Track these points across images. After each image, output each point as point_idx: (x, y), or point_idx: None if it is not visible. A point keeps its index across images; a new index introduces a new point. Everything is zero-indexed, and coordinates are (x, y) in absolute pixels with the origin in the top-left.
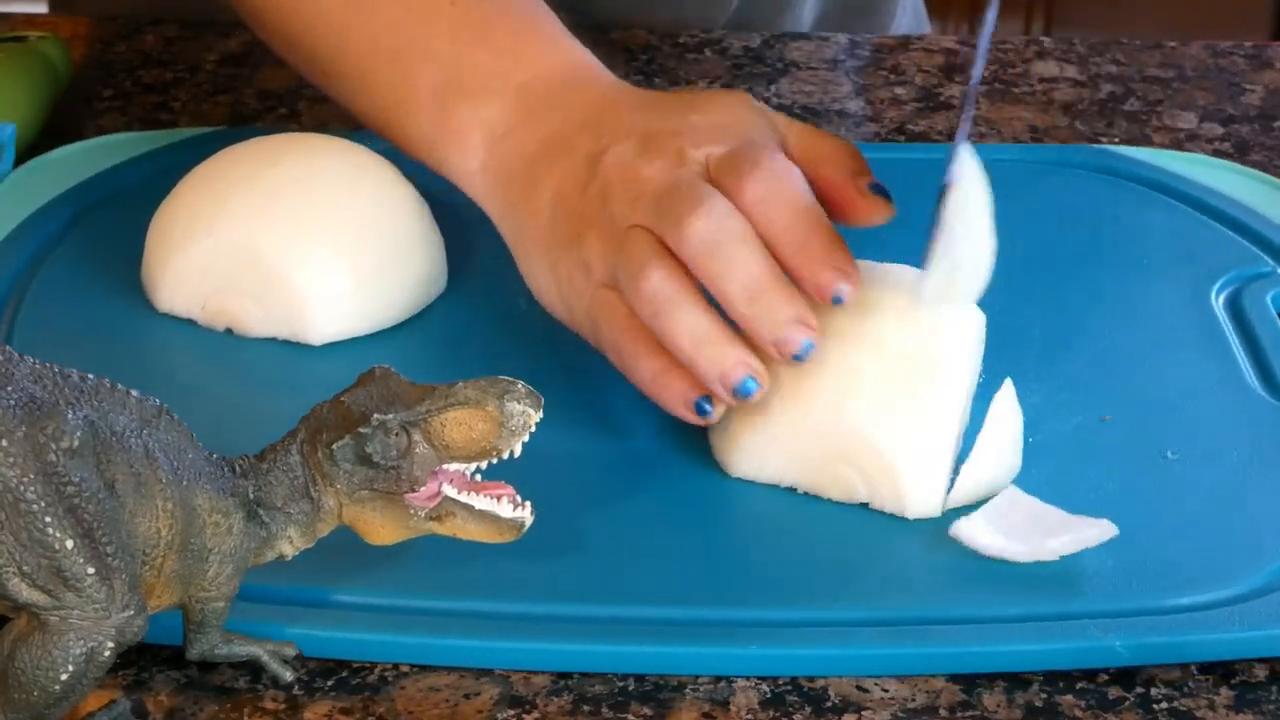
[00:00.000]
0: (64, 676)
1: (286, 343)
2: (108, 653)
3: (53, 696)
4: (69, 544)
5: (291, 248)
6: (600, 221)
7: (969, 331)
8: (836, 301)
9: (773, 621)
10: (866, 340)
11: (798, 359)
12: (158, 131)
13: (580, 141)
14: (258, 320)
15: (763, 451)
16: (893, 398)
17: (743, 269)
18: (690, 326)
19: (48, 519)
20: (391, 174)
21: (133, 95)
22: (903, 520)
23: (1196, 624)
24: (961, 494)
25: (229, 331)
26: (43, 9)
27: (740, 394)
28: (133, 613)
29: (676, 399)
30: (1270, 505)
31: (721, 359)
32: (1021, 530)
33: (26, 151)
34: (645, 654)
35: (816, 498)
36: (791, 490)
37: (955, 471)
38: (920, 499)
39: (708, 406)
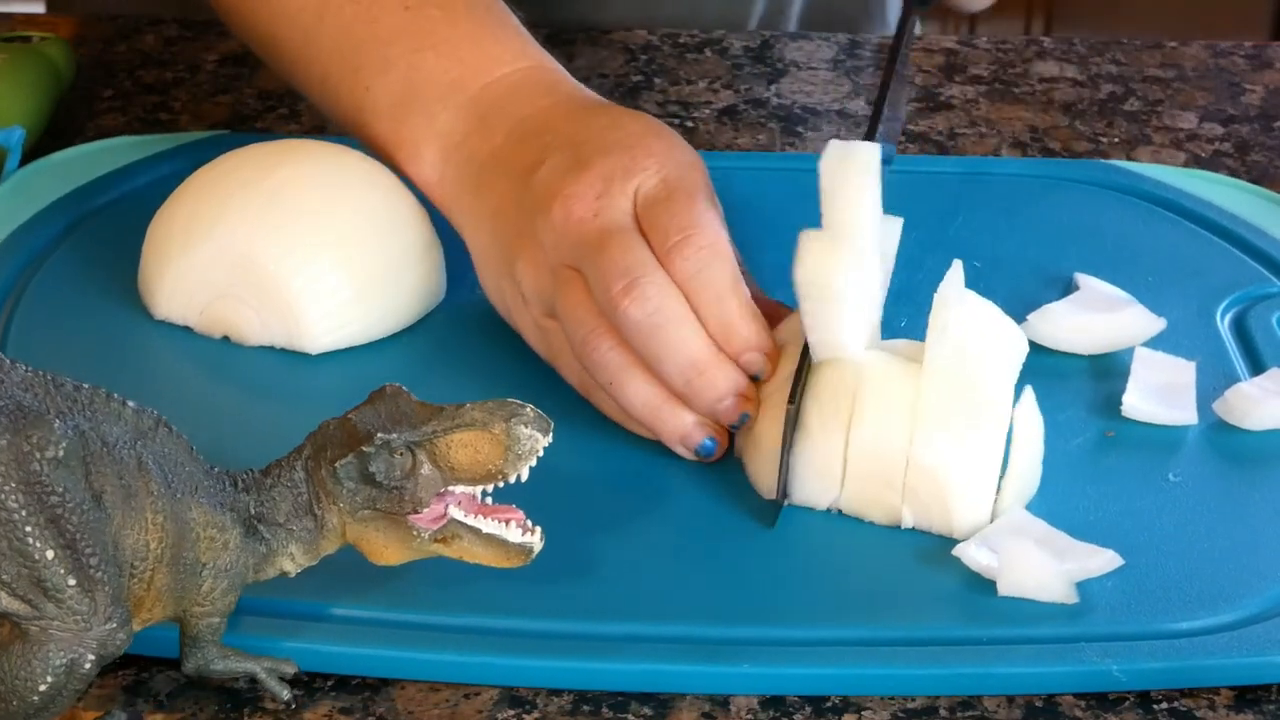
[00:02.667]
0: (43, 687)
1: (283, 351)
2: (89, 665)
3: (31, 707)
4: (49, 554)
5: (290, 255)
6: (531, 245)
7: (1013, 349)
8: (754, 379)
9: (768, 640)
10: (910, 360)
11: (734, 428)
12: (158, 135)
13: (519, 155)
14: (255, 328)
15: (800, 474)
16: (940, 418)
17: (678, 352)
18: (643, 397)
19: (28, 529)
20: (391, 181)
21: (133, 95)
22: (911, 540)
23: (1197, 649)
24: (1001, 510)
25: (226, 339)
26: (41, 8)
27: (701, 454)
28: (115, 625)
29: (645, 434)
30: (1272, 529)
31: (678, 423)
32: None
33: (28, 153)
34: (646, 672)
35: (843, 519)
36: (826, 512)
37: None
38: (969, 519)
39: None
